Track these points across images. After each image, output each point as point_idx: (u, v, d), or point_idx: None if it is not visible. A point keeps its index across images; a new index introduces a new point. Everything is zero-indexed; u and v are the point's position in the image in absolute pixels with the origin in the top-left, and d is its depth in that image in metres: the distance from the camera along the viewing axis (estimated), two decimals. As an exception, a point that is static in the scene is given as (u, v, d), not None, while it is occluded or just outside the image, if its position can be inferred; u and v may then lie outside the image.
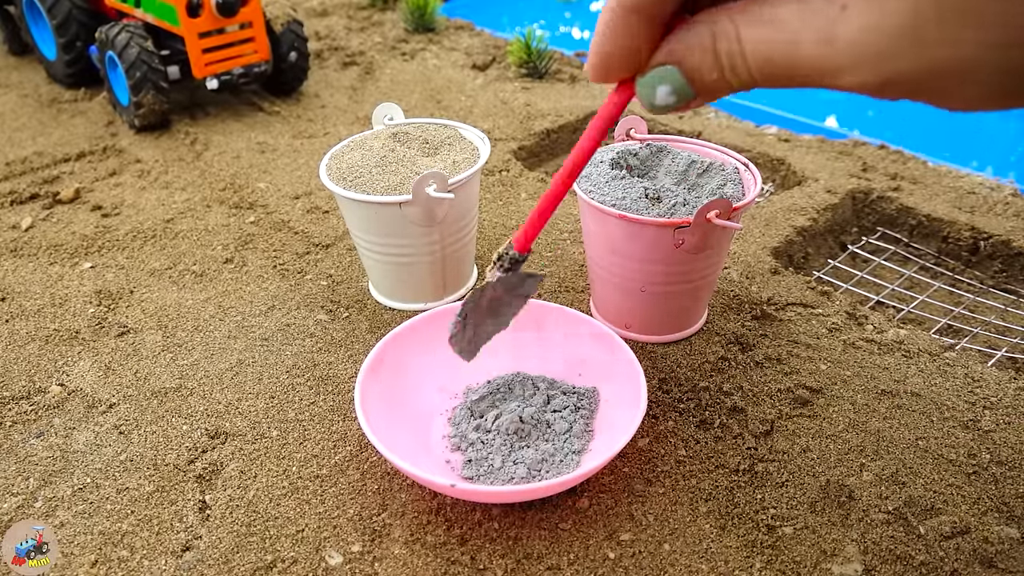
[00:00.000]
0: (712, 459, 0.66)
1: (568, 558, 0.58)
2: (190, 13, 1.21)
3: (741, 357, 0.77)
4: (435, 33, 1.75)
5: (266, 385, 0.75)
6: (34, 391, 0.75)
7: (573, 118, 1.30)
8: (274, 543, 0.59)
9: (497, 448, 0.64)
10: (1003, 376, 0.75)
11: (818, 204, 1.03)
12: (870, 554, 0.58)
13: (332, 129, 1.30)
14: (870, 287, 0.94)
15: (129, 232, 1.01)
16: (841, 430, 0.69)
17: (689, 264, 0.72)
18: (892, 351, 0.78)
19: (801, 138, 1.25)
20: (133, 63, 1.20)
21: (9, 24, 1.61)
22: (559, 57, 1.58)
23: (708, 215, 0.67)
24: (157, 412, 0.72)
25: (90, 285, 0.90)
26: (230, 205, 1.07)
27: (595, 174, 0.75)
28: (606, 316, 0.81)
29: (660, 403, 0.72)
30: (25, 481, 0.65)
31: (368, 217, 0.77)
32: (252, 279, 0.91)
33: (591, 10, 2.33)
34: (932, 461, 0.66)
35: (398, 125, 0.88)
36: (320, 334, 0.82)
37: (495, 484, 0.61)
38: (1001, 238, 0.95)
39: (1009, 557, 0.58)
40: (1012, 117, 1.62)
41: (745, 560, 0.58)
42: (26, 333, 0.83)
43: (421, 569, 0.57)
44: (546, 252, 0.95)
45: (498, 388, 0.70)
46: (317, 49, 1.63)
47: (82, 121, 1.33)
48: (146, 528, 0.61)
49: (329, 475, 0.65)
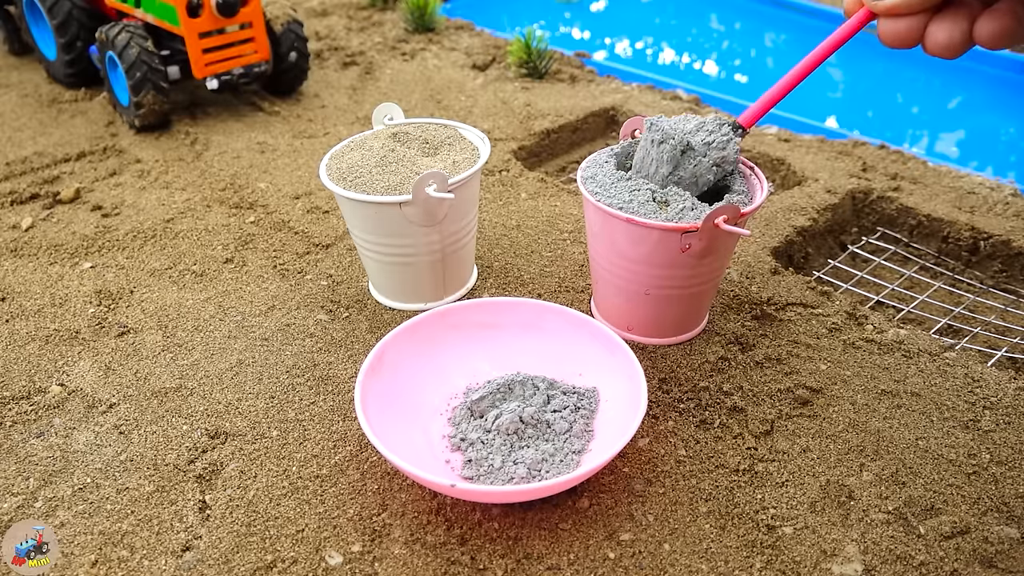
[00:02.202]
0: (712, 459, 0.66)
1: (568, 558, 0.58)
2: (190, 13, 1.21)
3: (741, 357, 0.77)
4: (435, 33, 1.75)
5: (266, 385, 0.75)
6: (34, 391, 0.75)
7: (573, 118, 1.30)
8: (274, 543, 0.59)
9: (497, 448, 0.64)
10: (1003, 376, 0.75)
11: (818, 204, 1.03)
12: (870, 554, 0.58)
13: (332, 129, 1.30)
14: (870, 287, 0.94)
15: (129, 232, 1.01)
16: (841, 430, 0.69)
17: (694, 268, 0.72)
18: (892, 351, 0.78)
19: (801, 138, 1.25)
20: (133, 63, 1.20)
21: (9, 24, 1.61)
22: (559, 57, 1.58)
23: (716, 220, 0.66)
24: (157, 412, 0.72)
25: (90, 285, 0.90)
26: (230, 205, 1.07)
27: (601, 175, 0.75)
28: (607, 317, 0.81)
29: (660, 403, 0.72)
30: (25, 481, 0.65)
31: (368, 217, 0.77)
32: (252, 279, 0.91)
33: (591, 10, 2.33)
34: (932, 461, 0.66)
35: (398, 125, 0.88)
36: (320, 334, 0.82)
37: (495, 484, 0.61)
38: (1001, 238, 0.95)
39: (1009, 557, 0.58)
40: (1012, 117, 1.62)
41: (745, 560, 0.58)
42: (26, 333, 0.83)
43: (421, 569, 0.57)
44: (546, 252, 0.95)
45: (498, 388, 0.70)
46: (317, 49, 1.63)
47: (82, 121, 1.33)
48: (146, 528, 0.61)
49: (329, 475, 0.65)
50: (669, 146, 0.67)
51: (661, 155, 0.68)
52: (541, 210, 1.04)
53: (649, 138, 0.69)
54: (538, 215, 1.03)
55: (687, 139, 0.66)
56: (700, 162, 0.67)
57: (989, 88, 1.70)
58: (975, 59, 1.75)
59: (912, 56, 1.84)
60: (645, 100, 1.37)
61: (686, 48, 2.04)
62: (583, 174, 0.76)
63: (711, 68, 1.90)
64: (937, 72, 1.77)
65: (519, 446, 0.65)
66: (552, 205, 1.05)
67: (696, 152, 0.67)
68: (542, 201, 1.06)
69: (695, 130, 0.67)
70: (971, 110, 1.66)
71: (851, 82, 1.79)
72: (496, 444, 0.65)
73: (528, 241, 0.97)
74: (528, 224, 1.01)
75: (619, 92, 1.41)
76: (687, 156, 0.67)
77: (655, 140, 0.68)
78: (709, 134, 0.67)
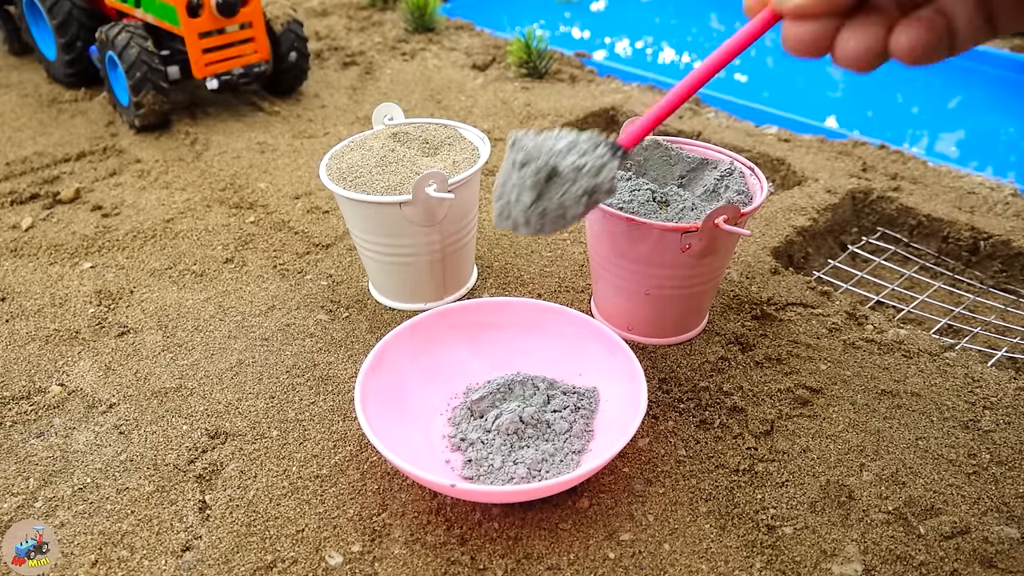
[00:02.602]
0: (712, 459, 0.66)
1: (568, 558, 0.58)
2: (190, 13, 1.21)
3: (741, 357, 0.77)
4: (435, 33, 1.75)
5: (266, 385, 0.75)
6: (34, 391, 0.75)
7: (573, 118, 1.30)
8: (274, 543, 0.59)
9: (497, 448, 0.64)
10: (1003, 376, 0.75)
11: (818, 204, 1.03)
12: (870, 554, 0.58)
13: (332, 129, 1.30)
14: (870, 287, 0.94)
15: (129, 232, 1.01)
16: (841, 430, 0.69)
17: (694, 268, 0.72)
18: (892, 351, 0.78)
19: (801, 138, 1.25)
20: (133, 63, 1.20)
21: (9, 24, 1.61)
22: (559, 57, 1.58)
23: (716, 220, 0.66)
24: (157, 412, 0.72)
25: (90, 285, 0.90)
26: (230, 205, 1.07)
27: None
28: (607, 317, 0.81)
29: (660, 403, 0.72)
30: (25, 481, 0.65)
31: (368, 217, 0.77)
32: (252, 279, 0.91)
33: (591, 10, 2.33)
34: (932, 461, 0.66)
35: (398, 125, 0.88)
36: (320, 334, 0.82)
37: (495, 484, 0.61)
38: (1001, 238, 0.95)
39: (1009, 557, 0.58)
40: (1012, 117, 1.62)
41: (745, 560, 0.58)
42: (26, 333, 0.83)
43: (421, 569, 0.57)
44: (546, 252, 0.95)
45: (498, 388, 0.70)
46: (317, 49, 1.63)
47: (82, 121, 1.33)
48: (146, 528, 0.61)
49: (329, 475, 0.65)
50: (532, 170, 0.54)
51: (523, 180, 0.54)
52: (541, 210, 1.04)
53: (511, 159, 0.55)
54: (538, 215, 1.03)
55: (553, 162, 0.54)
56: (568, 190, 0.54)
57: (989, 88, 1.70)
58: (975, 59, 1.75)
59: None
60: (645, 100, 1.37)
61: (686, 48, 2.04)
62: (583, 174, 0.76)
63: (711, 68, 1.90)
64: (937, 72, 1.77)
65: (519, 446, 0.65)
66: (552, 205, 1.05)
67: (563, 179, 0.54)
68: (542, 201, 1.06)
69: (565, 151, 0.54)
70: (971, 110, 1.66)
71: (851, 82, 1.79)
72: (496, 444, 0.65)
73: (528, 241, 0.97)
74: (528, 224, 1.01)
75: (619, 92, 1.41)
76: (553, 183, 0.54)
77: (516, 162, 0.55)
78: (581, 156, 0.54)
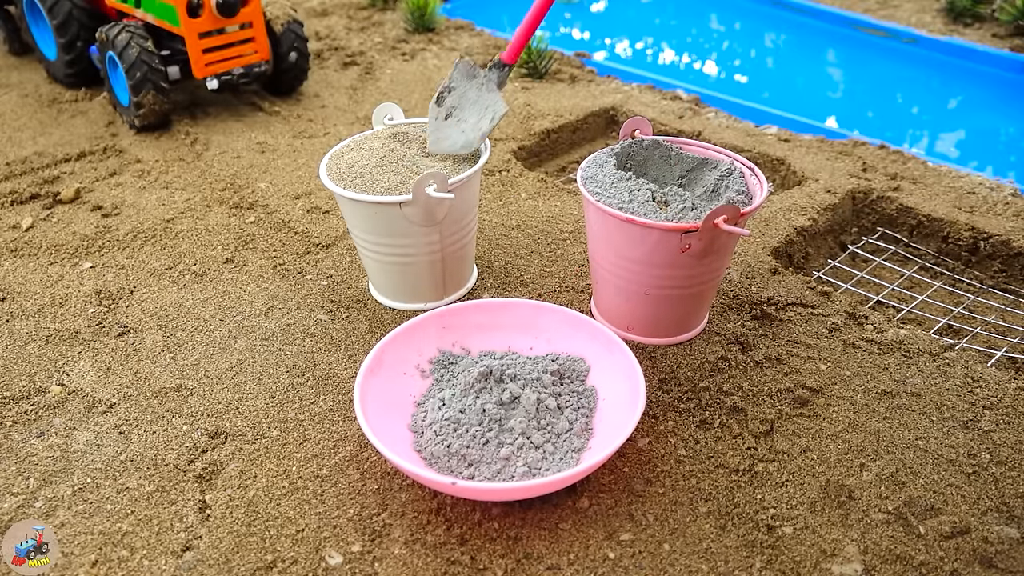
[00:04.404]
0: (712, 459, 0.66)
1: (568, 558, 0.58)
2: (190, 13, 1.21)
3: (741, 357, 0.77)
4: (435, 33, 1.75)
5: (266, 385, 0.75)
6: (34, 391, 0.75)
7: (573, 118, 1.30)
8: (274, 543, 0.59)
9: (496, 446, 0.64)
10: (1003, 376, 0.75)
11: (818, 204, 1.03)
12: (870, 554, 0.58)
13: (332, 129, 1.30)
14: (870, 287, 0.94)
15: (129, 232, 1.01)
16: (841, 430, 0.69)
17: (694, 268, 0.72)
18: (892, 351, 0.78)
19: (801, 138, 1.25)
20: (133, 63, 1.20)
21: (9, 24, 1.61)
22: (559, 57, 1.58)
23: (716, 220, 0.66)
24: (157, 412, 0.72)
25: (90, 285, 0.90)
26: (230, 205, 1.07)
27: (601, 175, 0.75)
28: (607, 318, 0.81)
29: (660, 403, 0.72)
30: (25, 481, 0.65)
31: (368, 217, 0.77)
32: (252, 279, 0.91)
33: (591, 10, 2.33)
34: (932, 461, 0.66)
35: (398, 125, 0.88)
36: (320, 334, 0.82)
37: (495, 482, 0.61)
38: (1001, 238, 0.95)
39: (1009, 557, 0.58)
40: (1012, 117, 1.62)
41: (745, 560, 0.58)
42: (26, 333, 0.83)
43: (421, 569, 0.57)
44: (546, 252, 0.95)
45: (498, 388, 0.69)
46: (317, 49, 1.63)
47: (82, 121, 1.33)
48: (146, 528, 0.61)
49: (329, 475, 0.65)
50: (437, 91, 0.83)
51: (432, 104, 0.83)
52: (541, 210, 1.04)
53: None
54: (538, 215, 1.03)
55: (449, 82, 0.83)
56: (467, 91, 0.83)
57: (989, 88, 1.70)
58: (975, 59, 1.75)
59: (912, 56, 1.84)
60: (645, 100, 1.37)
61: (686, 48, 2.04)
62: (583, 174, 0.76)
63: (711, 68, 1.90)
64: (937, 72, 1.77)
65: (518, 443, 0.65)
66: (552, 205, 1.05)
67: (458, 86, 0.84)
68: (542, 201, 1.06)
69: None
70: (971, 110, 1.66)
71: (851, 82, 1.79)
72: (496, 443, 0.65)
73: (528, 241, 0.97)
74: (528, 224, 1.01)
75: (619, 92, 1.41)
76: (453, 93, 0.83)
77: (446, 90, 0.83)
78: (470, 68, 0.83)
